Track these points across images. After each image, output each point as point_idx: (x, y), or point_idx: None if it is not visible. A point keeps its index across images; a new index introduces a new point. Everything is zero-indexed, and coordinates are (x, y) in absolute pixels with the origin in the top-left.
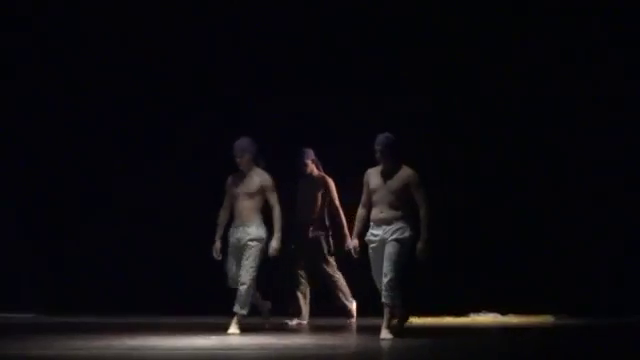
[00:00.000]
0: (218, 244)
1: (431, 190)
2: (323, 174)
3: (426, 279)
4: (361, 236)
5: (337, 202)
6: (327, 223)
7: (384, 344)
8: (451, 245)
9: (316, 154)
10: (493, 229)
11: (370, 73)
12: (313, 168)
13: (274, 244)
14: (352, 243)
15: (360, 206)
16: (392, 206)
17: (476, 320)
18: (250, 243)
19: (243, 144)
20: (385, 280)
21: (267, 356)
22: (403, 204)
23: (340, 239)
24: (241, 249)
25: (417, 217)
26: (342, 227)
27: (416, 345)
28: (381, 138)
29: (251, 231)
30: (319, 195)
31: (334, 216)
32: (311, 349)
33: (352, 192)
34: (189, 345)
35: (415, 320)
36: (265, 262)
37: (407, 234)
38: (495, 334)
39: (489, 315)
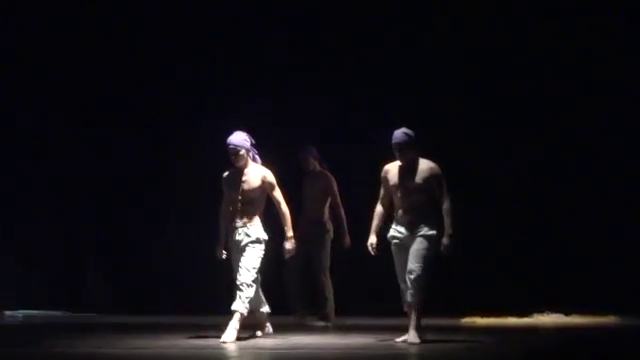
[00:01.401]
0: (222, 245)
1: (493, 190)
2: (325, 171)
3: (490, 279)
4: (379, 233)
5: (338, 200)
6: (330, 222)
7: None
8: (515, 245)
9: (319, 151)
10: (558, 229)
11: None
12: (316, 165)
13: (288, 245)
14: (370, 240)
15: (378, 203)
16: (415, 203)
17: (540, 320)
18: (250, 244)
19: (237, 139)
20: (412, 277)
21: (331, 356)
22: (426, 200)
23: (341, 237)
24: (241, 250)
25: (440, 211)
26: (343, 225)
27: (480, 345)
28: (398, 134)
29: (251, 232)
30: (322, 192)
31: (335, 214)
32: (374, 349)
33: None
34: (252, 345)
35: (479, 320)
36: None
37: (433, 230)
38: (558, 334)
39: (553, 315)
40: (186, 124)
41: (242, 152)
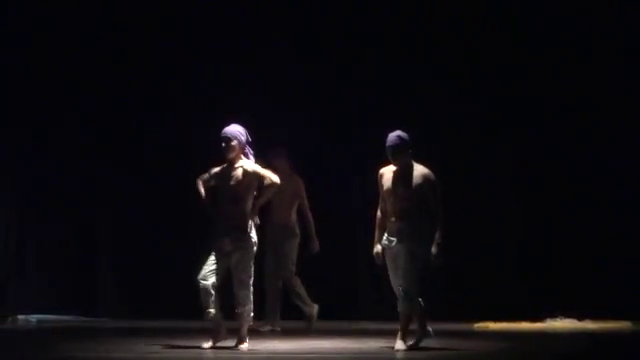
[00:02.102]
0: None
1: (507, 194)
2: (294, 174)
3: (503, 284)
4: (381, 241)
5: (306, 203)
6: (297, 226)
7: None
8: (529, 250)
9: (289, 153)
10: (571, 233)
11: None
12: (285, 167)
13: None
14: (375, 249)
15: (378, 211)
16: (406, 210)
17: (552, 325)
18: (239, 253)
19: (231, 129)
20: (401, 289)
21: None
22: (417, 207)
23: (309, 241)
24: (227, 256)
25: (432, 219)
26: (311, 229)
27: (493, 350)
28: (392, 137)
29: (239, 237)
30: (291, 195)
31: (303, 217)
32: (387, 354)
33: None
34: (265, 349)
35: (491, 325)
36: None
37: (422, 239)
38: (570, 339)
39: (566, 321)
40: (193, 127)
41: (234, 143)
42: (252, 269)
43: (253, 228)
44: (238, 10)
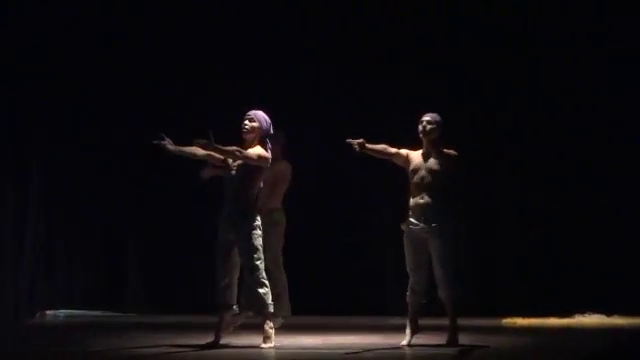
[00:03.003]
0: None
1: (535, 188)
2: (284, 160)
3: (531, 279)
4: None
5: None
6: (283, 212)
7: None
8: (557, 245)
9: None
10: (600, 228)
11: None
12: (278, 153)
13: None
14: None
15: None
16: (433, 190)
17: (581, 321)
18: (246, 240)
19: (258, 112)
20: (442, 278)
21: (380, 356)
22: (444, 188)
23: None
24: (235, 242)
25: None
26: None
27: (521, 345)
28: (430, 113)
29: (239, 220)
30: (281, 181)
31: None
32: (420, 350)
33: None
34: (292, 344)
35: (520, 321)
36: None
37: (449, 223)
38: (599, 335)
39: (594, 316)
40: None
41: (255, 124)
42: (261, 253)
43: (257, 216)
44: (243, 11)
